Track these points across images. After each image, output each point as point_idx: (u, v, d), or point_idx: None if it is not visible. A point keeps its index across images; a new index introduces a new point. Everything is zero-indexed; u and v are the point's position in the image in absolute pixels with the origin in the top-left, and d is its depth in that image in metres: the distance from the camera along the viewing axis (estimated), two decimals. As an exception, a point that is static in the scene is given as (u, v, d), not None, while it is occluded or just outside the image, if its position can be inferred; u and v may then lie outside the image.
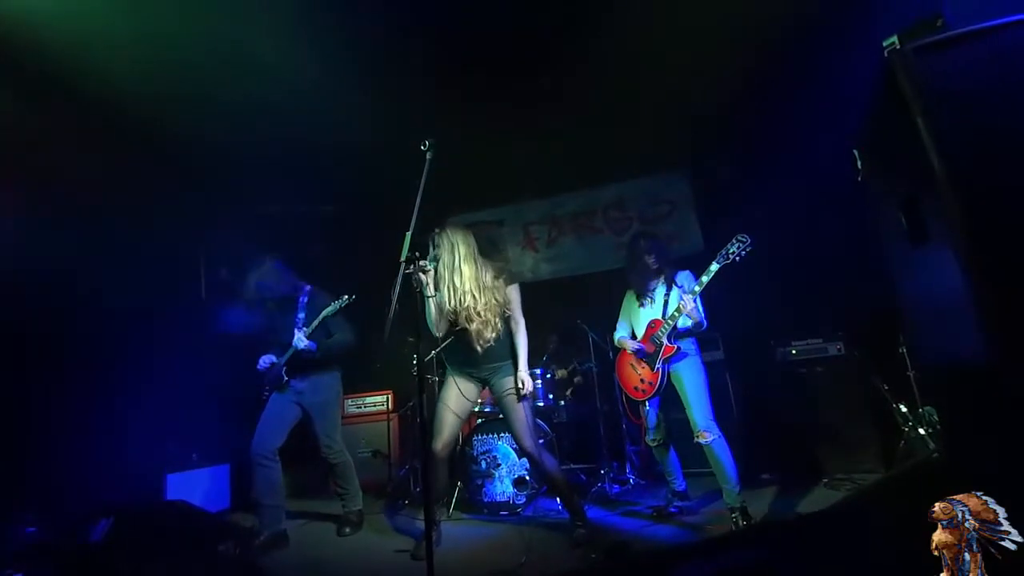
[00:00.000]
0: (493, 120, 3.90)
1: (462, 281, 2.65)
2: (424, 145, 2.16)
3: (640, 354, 2.93)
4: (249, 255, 3.44)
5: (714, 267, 2.73)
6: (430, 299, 2.59)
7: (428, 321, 2.64)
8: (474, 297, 2.64)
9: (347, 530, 3.21)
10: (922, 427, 3.03)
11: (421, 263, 2.34)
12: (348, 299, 3.15)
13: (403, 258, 1.99)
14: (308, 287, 3.34)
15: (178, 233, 4.40)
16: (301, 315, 3.22)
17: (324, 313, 3.13)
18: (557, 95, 3.79)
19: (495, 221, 5.35)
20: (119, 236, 3.82)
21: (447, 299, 2.64)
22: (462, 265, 2.66)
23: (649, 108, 3.89)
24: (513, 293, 2.76)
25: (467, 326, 2.64)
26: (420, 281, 2.38)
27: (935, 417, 2.98)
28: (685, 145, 4.47)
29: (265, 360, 3.23)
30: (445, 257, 2.66)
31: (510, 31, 3.23)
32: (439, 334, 2.70)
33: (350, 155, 4.14)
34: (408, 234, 2.01)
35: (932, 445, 2.91)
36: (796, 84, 3.50)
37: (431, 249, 2.66)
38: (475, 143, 3.86)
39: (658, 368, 2.83)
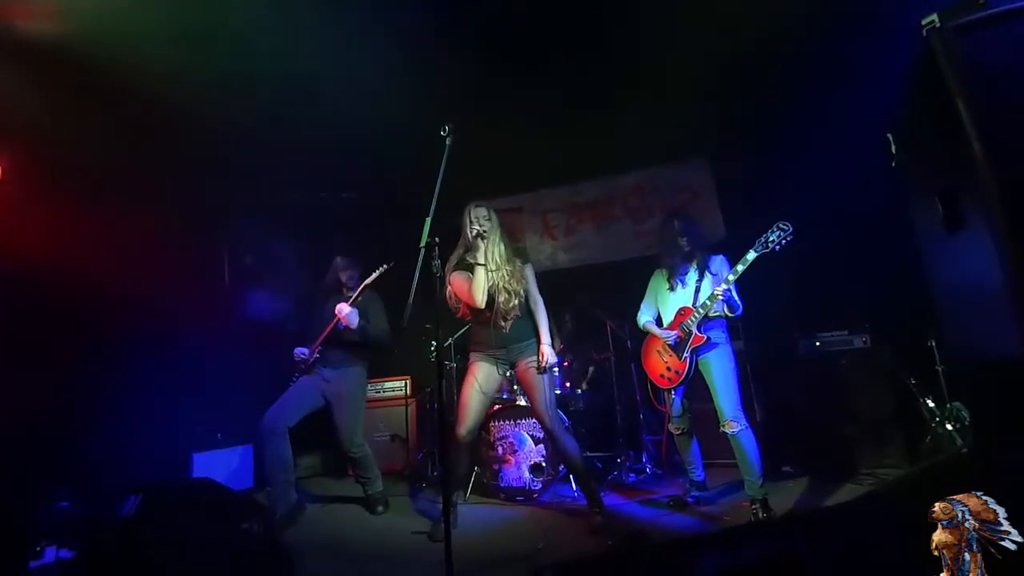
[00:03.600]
0: (513, 106, 3.87)
1: (502, 253, 2.73)
2: (444, 130, 2.16)
3: (670, 342, 2.87)
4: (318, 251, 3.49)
5: (751, 255, 2.62)
6: (481, 267, 2.64)
7: (476, 289, 2.66)
8: (507, 271, 2.70)
9: (380, 508, 3.31)
10: (950, 423, 2.95)
11: (482, 229, 2.54)
12: (388, 266, 3.19)
13: (423, 243, 1.99)
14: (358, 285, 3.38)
15: (206, 218, 4.48)
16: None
17: (365, 282, 3.20)
18: (578, 81, 3.74)
19: (514, 208, 5.33)
20: (148, 221, 3.90)
21: (492, 269, 2.69)
22: (500, 239, 2.75)
23: (672, 94, 3.81)
24: (529, 273, 2.81)
25: (497, 297, 2.68)
26: (479, 247, 2.56)
27: (963, 413, 2.90)
28: (708, 131, 4.38)
29: (299, 352, 3.30)
30: (494, 229, 2.73)
31: (533, 17, 3.19)
32: (481, 305, 2.69)
33: (370, 142, 4.16)
34: (428, 219, 2.02)
35: (959, 441, 2.84)
36: (825, 67, 3.39)
37: (470, 222, 2.70)
38: (495, 129, 3.84)
39: (685, 357, 2.78)
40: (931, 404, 3.08)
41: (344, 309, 3.15)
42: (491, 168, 4.49)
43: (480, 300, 2.67)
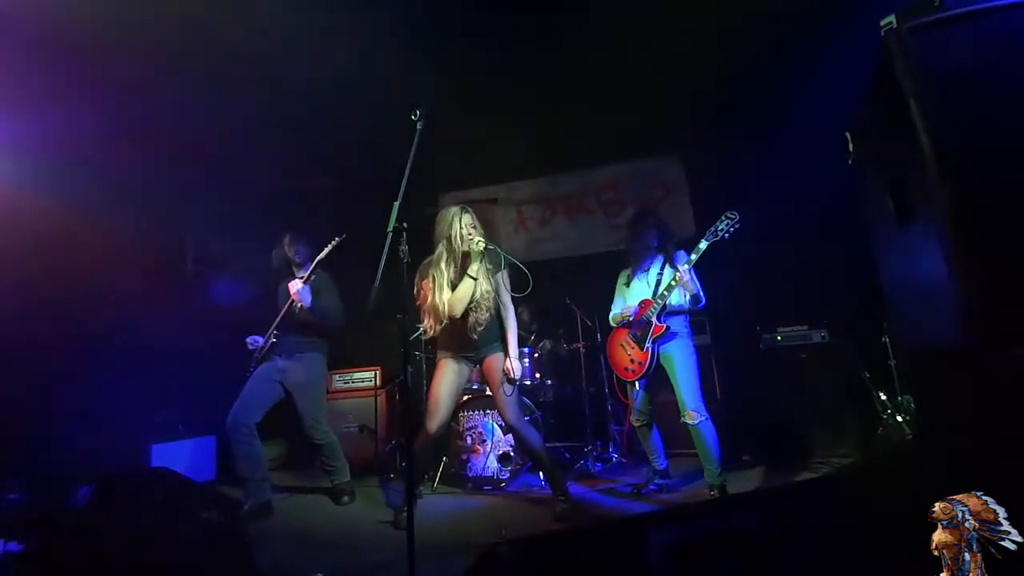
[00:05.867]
0: (489, 97, 3.84)
1: (488, 268, 2.69)
2: (415, 115, 2.12)
3: (631, 332, 2.92)
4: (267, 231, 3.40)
5: (703, 244, 2.74)
6: (472, 281, 2.61)
7: (458, 301, 2.61)
8: (486, 285, 2.67)
9: (345, 499, 3.26)
10: (900, 415, 3.09)
11: (487, 244, 2.52)
12: (340, 239, 3.10)
13: (390, 228, 1.96)
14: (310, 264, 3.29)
15: (168, 203, 4.32)
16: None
17: (318, 257, 3.11)
18: (554, 73, 3.74)
19: (488, 199, 5.31)
20: (107, 208, 3.74)
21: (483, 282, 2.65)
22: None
23: (645, 90, 3.85)
24: (503, 278, 2.77)
25: (471, 312, 2.65)
26: (476, 260, 2.55)
27: (913, 405, 3.04)
28: (680, 129, 4.45)
29: (253, 341, 3.21)
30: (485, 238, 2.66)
31: (508, 5, 3.17)
32: (457, 317, 2.64)
33: (337, 128, 4.08)
34: (396, 204, 1.98)
35: (908, 431, 2.97)
36: (791, 69, 3.47)
37: (459, 232, 2.63)
38: (470, 120, 3.81)
39: (647, 348, 2.83)
40: (883, 397, 3.21)
41: (296, 285, 3.06)
42: (466, 159, 4.49)
43: (459, 312, 2.64)
